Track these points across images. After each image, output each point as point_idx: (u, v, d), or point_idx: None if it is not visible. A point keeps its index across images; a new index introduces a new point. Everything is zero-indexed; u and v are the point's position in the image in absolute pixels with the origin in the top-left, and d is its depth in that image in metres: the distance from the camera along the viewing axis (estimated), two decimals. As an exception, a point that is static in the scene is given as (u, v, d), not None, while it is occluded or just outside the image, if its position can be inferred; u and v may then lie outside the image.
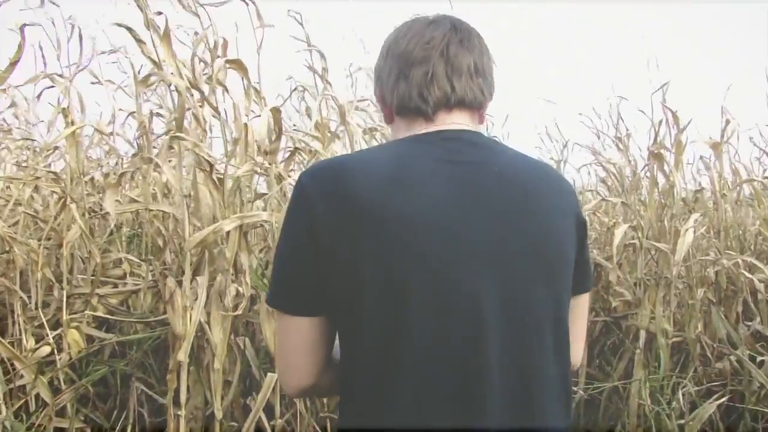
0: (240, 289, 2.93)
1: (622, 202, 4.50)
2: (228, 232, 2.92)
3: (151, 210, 3.95)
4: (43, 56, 3.57)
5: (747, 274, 4.04)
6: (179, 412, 2.85)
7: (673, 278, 4.05)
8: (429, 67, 1.32)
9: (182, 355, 2.79)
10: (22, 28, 2.81)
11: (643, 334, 4.08)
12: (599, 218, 5.57)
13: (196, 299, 2.88)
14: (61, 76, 3.52)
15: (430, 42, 1.33)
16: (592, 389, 4.32)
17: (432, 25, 1.37)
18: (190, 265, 2.93)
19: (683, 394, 3.86)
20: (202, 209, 2.92)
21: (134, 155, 3.97)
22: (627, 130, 4.50)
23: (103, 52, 3.73)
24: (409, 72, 1.34)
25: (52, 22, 3.41)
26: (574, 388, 4.39)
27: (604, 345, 4.69)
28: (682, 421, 3.49)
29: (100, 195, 4.04)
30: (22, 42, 2.80)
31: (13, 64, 2.79)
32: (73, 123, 3.35)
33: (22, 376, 3.22)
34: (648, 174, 4.37)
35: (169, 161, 3.32)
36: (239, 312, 2.84)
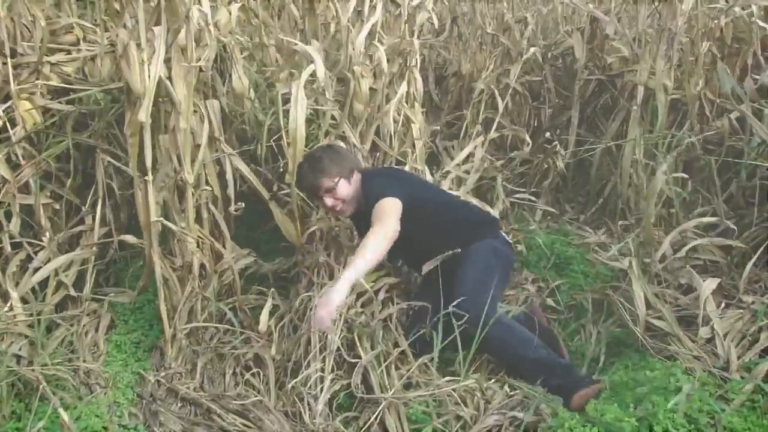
0: (207, 40, 2.59)
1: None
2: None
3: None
4: None
5: (761, 23, 3.71)
6: (147, 178, 2.62)
7: (677, 30, 3.73)
8: None
9: (143, 114, 2.51)
10: None
11: (641, 90, 3.84)
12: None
13: (154, 53, 2.55)
14: None
15: None
16: (583, 152, 4.17)
17: None
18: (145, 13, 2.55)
19: (678, 153, 3.71)
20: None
21: None
22: None
23: None
24: None
25: None
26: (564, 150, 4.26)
27: (596, 105, 4.47)
28: (677, 175, 3.35)
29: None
30: None
31: None
32: None
33: (-27, 154, 2.97)
34: None
35: None
36: (202, 63, 2.52)
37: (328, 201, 2.82)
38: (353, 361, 2.47)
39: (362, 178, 2.90)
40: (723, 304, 2.93)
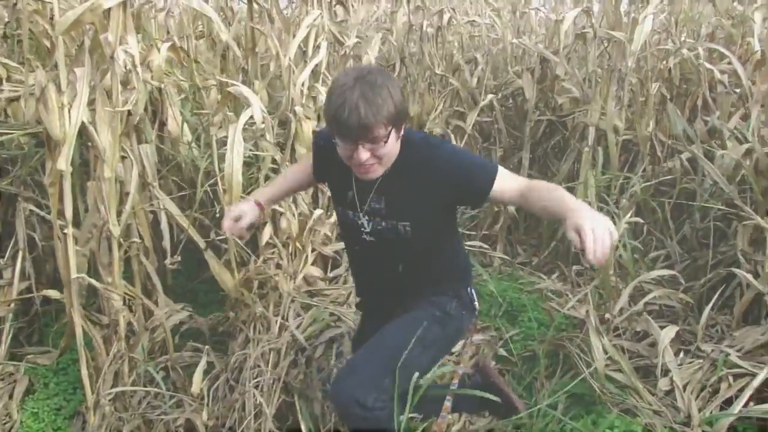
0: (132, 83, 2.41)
1: (574, -16, 4.01)
2: (109, 11, 2.36)
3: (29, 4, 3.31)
4: None
5: (708, 65, 3.69)
6: (66, 230, 2.41)
7: (627, 70, 3.68)
8: None
9: (63, 163, 2.31)
10: None
11: (592, 131, 3.77)
12: (545, 15, 5.12)
13: (76, 96, 2.36)
14: None
15: None
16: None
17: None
18: (66, 55, 2.37)
19: (631, 195, 3.65)
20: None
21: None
22: None
23: None
24: None
25: None
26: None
27: (547, 146, 4.40)
28: (631, 219, 3.26)
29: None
30: None
31: None
32: None
33: None
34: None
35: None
36: (129, 106, 2.34)
37: (363, 155, 1.81)
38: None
39: (418, 138, 1.99)
40: (681, 353, 2.82)
